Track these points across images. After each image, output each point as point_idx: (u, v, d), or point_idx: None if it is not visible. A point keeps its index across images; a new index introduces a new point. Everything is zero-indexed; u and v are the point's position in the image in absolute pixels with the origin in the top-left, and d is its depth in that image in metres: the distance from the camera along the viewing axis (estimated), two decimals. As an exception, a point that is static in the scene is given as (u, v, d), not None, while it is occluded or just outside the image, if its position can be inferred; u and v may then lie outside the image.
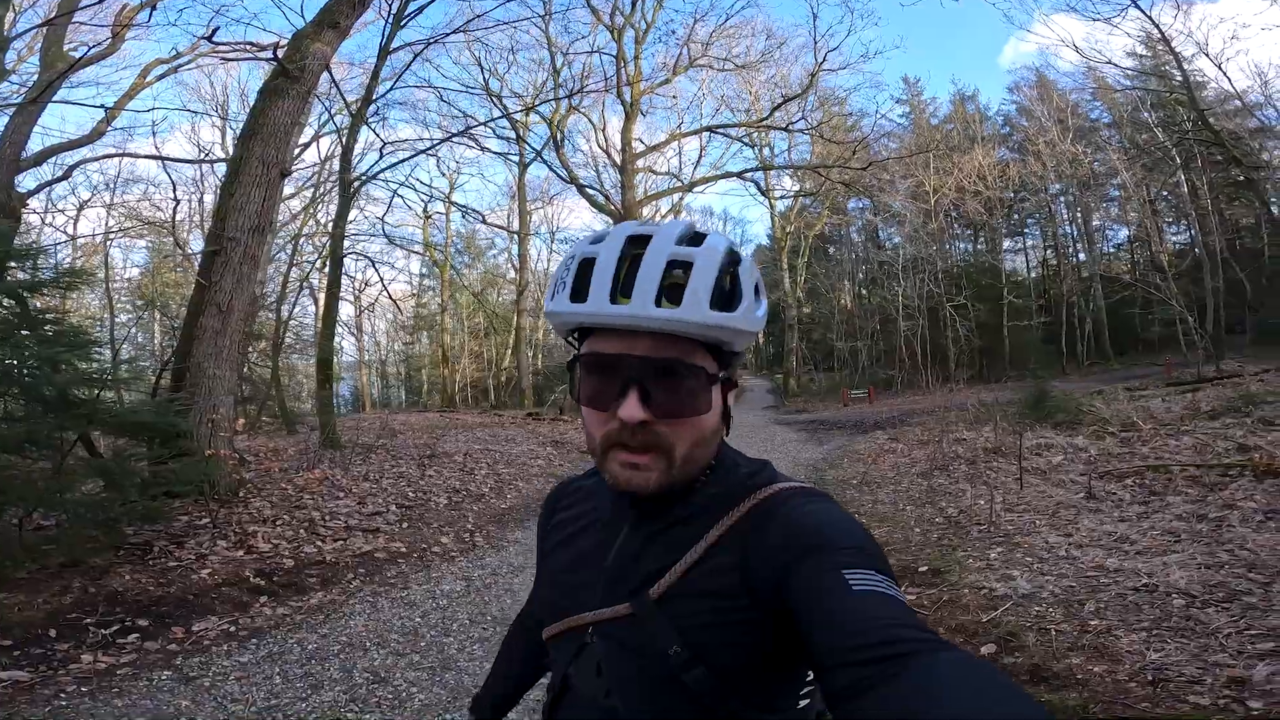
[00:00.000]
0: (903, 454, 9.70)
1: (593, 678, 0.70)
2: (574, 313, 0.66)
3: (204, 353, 6.33)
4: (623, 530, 0.73)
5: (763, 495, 0.69)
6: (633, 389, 0.64)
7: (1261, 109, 20.99)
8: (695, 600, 0.65)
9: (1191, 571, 3.44)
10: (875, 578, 0.56)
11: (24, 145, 9.93)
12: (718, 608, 0.64)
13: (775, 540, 0.64)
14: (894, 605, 0.53)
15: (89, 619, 3.58)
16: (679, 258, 0.64)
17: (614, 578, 0.71)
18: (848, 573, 0.56)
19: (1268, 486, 4.90)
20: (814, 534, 0.62)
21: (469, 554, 5.65)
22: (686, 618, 0.65)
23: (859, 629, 0.51)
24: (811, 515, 0.65)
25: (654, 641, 0.65)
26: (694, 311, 0.62)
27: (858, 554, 0.59)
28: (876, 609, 0.52)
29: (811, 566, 0.58)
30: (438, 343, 31.83)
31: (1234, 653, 2.49)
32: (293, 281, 20.72)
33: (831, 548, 0.59)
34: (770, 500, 0.68)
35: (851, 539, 0.61)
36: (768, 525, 0.66)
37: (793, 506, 0.66)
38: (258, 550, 5.01)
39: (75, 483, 4.53)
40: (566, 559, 0.79)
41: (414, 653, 3.50)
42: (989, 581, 3.84)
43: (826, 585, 0.56)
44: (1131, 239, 31.74)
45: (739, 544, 0.66)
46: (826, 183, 21.80)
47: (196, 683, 3.09)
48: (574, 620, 0.72)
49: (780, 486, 0.70)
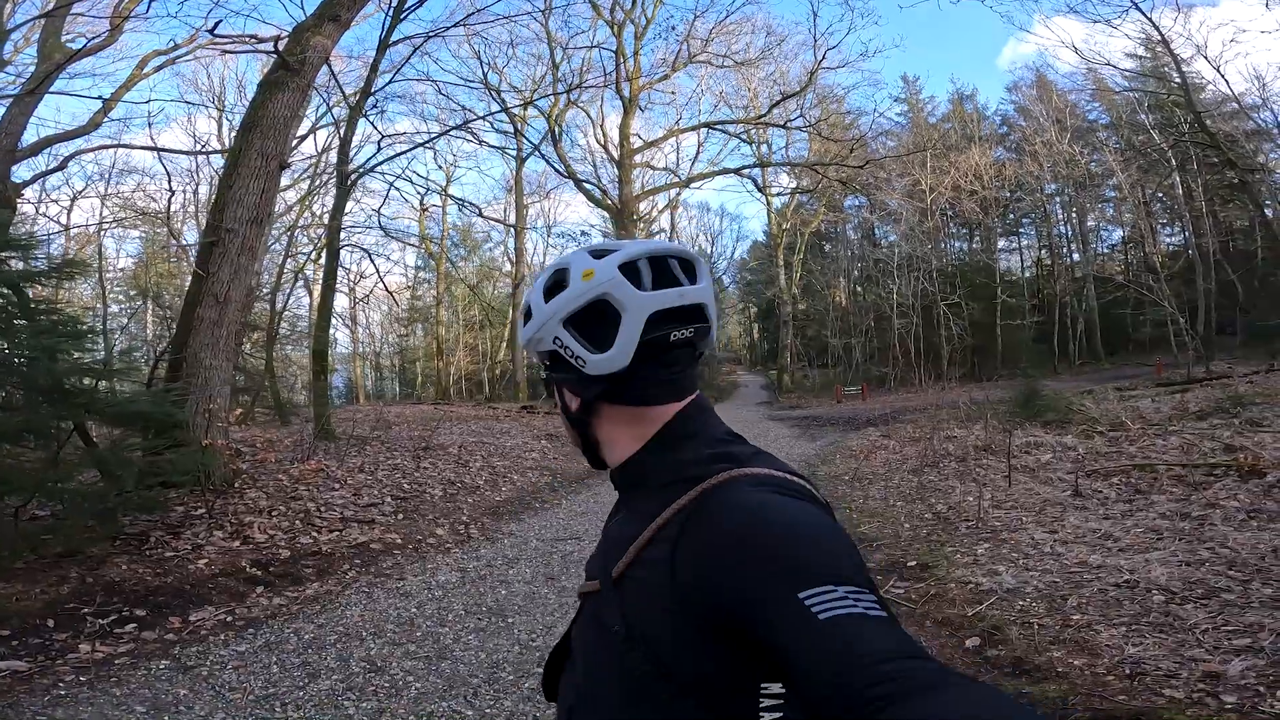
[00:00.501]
0: (894, 450, 9.79)
1: (577, 641, 0.76)
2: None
3: (200, 343, 6.33)
4: (623, 505, 0.79)
5: (707, 484, 0.65)
6: None
7: (1258, 111, 21.11)
8: (638, 584, 0.66)
9: (1172, 568, 3.51)
10: (839, 595, 0.50)
11: (20, 136, 9.87)
12: (648, 596, 0.64)
13: (706, 548, 0.60)
14: (870, 629, 0.48)
15: (86, 609, 3.61)
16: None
17: (603, 554, 0.76)
18: (808, 597, 0.50)
19: (1251, 486, 4.98)
20: (757, 545, 0.56)
21: (464, 545, 5.70)
22: (630, 599, 0.66)
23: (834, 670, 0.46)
24: (751, 519, 0.58)
25: (603, 617, 0.69)
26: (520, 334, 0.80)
27: (817, 566, 0.53)
28: (850, 640, 0.47)
29: (761, 589, 0.53)
30: (433, 335, 31.80)
31: (1210, 648, 2.56)
32: (288, 273, 20.66)
33: (785, 564, 0.53)
34: (710, 493, 0.64)
35: (807, 546, 0.55)
36: (700, 525, 0.62)
37: (730, 506, 0.61)
38: (254, 541, 5.04)
39: (72, 472, 4.55)
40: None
41: (410, 642, 3.55)
42: (975, 576, 3.91)
43: (784, 616, 0.50)
44: (1125, 240, 31.95)
45: (671, 539, 0.63)
46: (824, 180, 21.84)
47: (194, 672, 3.13)
48: (580, 587, 0.78)
49: (728, 476, 0.64)
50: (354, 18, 8.19)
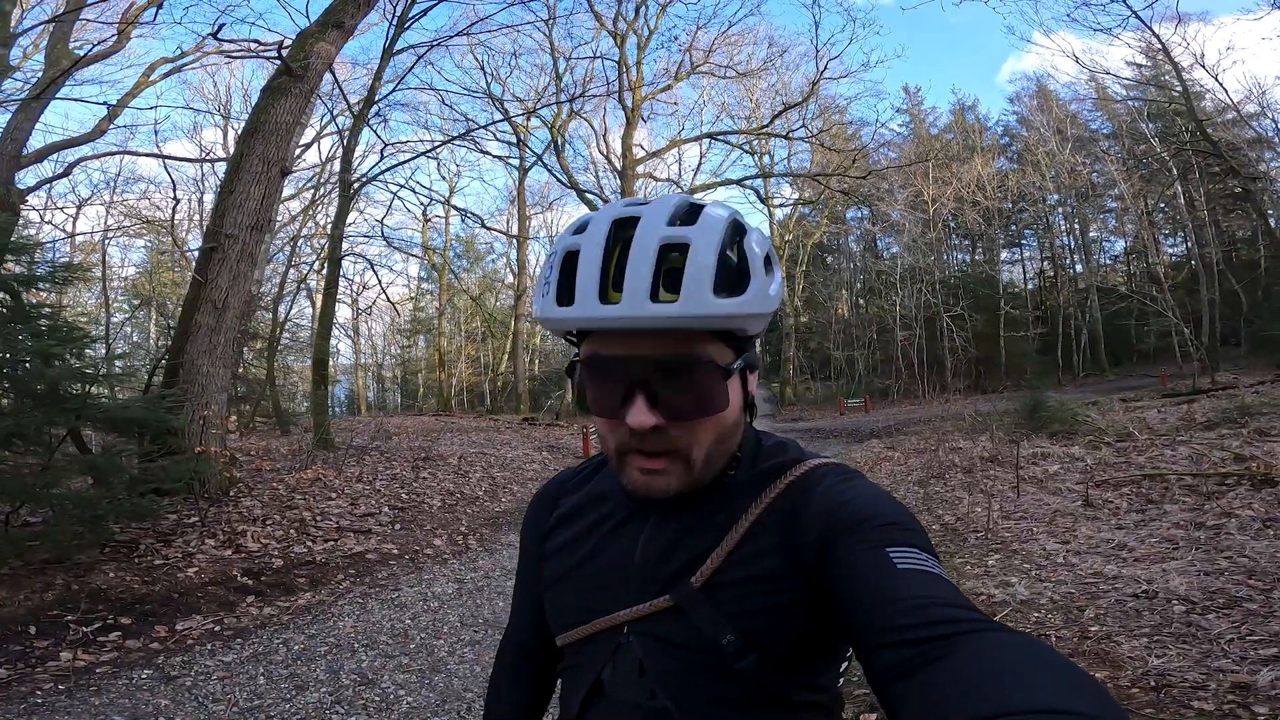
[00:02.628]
0: (899, 462, 9.67)
1: (634, 679, 0.65)
2: (561, 319, 0.59)
3: (198, 350, 6.27)
4: (649, 522, 0.68)
5: (799, 472, 0.65)
6: (638, 393, 0.59)
7: (1258, 119, 21.07)
8: (741, 585, 0.62)
9: (1191, 578, 3.40)
10: (919, 555, 0.53)
11: (25, 141, 9.90)
12: (766, 590, 0.61)
13: (817, 517, 0.61)
14: (940, 584, 0.51)
15: (70, 616, 3.52)
16: (673, 240, 0.57)
17: (646, 572, 0.66)
18: (891, 550, 0.54)
19: (1265, 495, 4.87)
20: (856, 509, 0.59)
21: (462, 556, 5.59)
22: (733, 604, 0.61)
23: (905, 608, 0.49)
24: (852, 490, 0.62)
25: (702, 632, 0.61)
26: (696, 304, 0.55)
27: (901, 530, 0.56)
28: (922, 587, 0.50)
29: (854, 542, 0.56)
30: (435, 346, 31.77)
31: (1237, 658, 2.45)
32: (291, 282, 20.69)
33: (874, 524, 0.57)
34: (807, 477, 0.65)
35: (894, 515, 0.58)
36: (808, 502, 0.62)
37: (831, 482, 0.64)
38: (246, 549, 4.94)
39: (62, 478, 4.47)
40: (582, 558, 0.72)
41: (403, 655, 3.44)
42: (987, 588, 3.80)
43: (870, 562, 0.54)
44: (1128, 250, 31.85)
45: (781, 523, 0.63)
46: (826, 191, 21.87)
47: (177, 682, 3.02)
48: (605, 621, 0.67)
49: (815, 463, 0.67)
50: (358, 24, 8.22)
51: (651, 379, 0.59)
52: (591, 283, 0.57)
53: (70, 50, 10.79)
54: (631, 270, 0.56)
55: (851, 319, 34.76)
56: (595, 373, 0.62)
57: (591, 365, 0.62)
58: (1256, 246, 25.32)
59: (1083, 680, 0.39)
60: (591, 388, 0.62)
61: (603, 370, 0.61)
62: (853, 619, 0.52)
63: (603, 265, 0.58)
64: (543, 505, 0.81)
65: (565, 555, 0.74)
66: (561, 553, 0.75)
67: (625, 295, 0.56)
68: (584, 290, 0.57)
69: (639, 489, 0.63)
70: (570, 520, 0.76)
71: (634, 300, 0.56)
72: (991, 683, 0.40)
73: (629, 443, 0.61)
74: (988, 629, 0.46)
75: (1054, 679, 0.39)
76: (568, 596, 0.73)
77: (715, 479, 0.66)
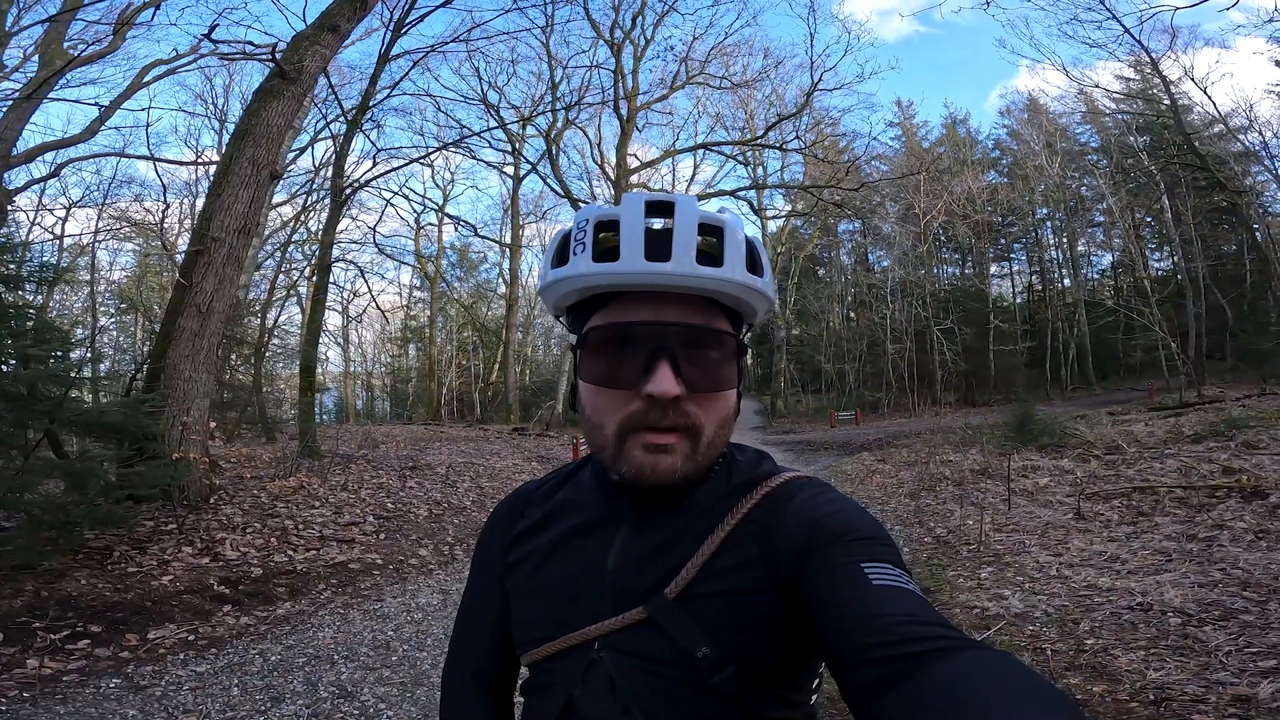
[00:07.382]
0: (890, 474, 9.64)
1: (605, 696, 0.62)
2: (601, 273, 0.60)
3: (180, 354, 6.14)
4: (620, 531, 0.66)
5: (775, 483, 0.66)
6: (662, 360, 0.58)
7: (1245, 134, 21.40)
8: (718, 597, 0.60)
9: (1186, 590, 3.37)
10: (893, 571, 0.54)
11: (15, 141, 9.77)
12: (743, 603, 0.60)
13: (795, 529, 0.60)
14: (914, 600, 0.51)
15: (38, 623, 3.39)
16: (709, 221, 0.62)
17: (619, 584, 0.63)
18: (866, 565, 0.54)
19: (1256, 507, 4.88)
20: (834, 524, 0.59)
21: (447, 567, 5.48)
22: (710, 616, 0.59)
23: (881, 625, 0.49)
24: (830, 504, 0.62)
25: (677, 644, 0.59)
26: (737, 272, 0.60)
27: (875, 546, 0.57)
28: (897, 604, 0.50)
29: (829, 557, 0.56)
30: (426, 355, 31.57)
31: (1236, 671, 2.40)
32: (280, 289, 20.51)
33: (850, 538, 0.57)
34: (784, 489, 0.65)
35: (870, 530, 0.59)
36: (785, 514, 0.62)
37: (808, 495, 0.64)
38: (225, 558, 4.82)
39: (34, 482, 4.34)
40: (550, 569, 0.69)
41: (384, 667, 3.34)
42: (981, 601, 3.75)
43: (845, 578, 0.54)
44: (1115, 264, 32.26)
45: (759, 535, 0.62)
46: (818, 203, 22.01)
47: (147, 692, 2.91)
48: (575, 636, 0.64)
49: (790, 475, 0.67)
50: (353, 29, 8.18)
51: (677, 347, 0.59)
52: (638, 243, 0.59)
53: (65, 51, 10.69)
54: (679, 237, 0.59)
55: (843, 332, 34.85)
56: (613, 341, 0.61)
57: (610, 333, 0.62)
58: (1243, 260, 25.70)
59: (1059, 700, 0.39)
60: (605, 359, 0.61)
61: (623, 337, 0.61)
62: (828, 634, 0.52)
63: (645, 234, 0.60)
64: (506, 516, 0.78)
65: (531, 566, 0.71)
66: (527, 563, 0.71)
67: (674, 257, 0.59)
68: (630, 249, 0.59)
69: (642, 470, 0.60)
70: (536, 531, 0.73)
71: (682, 261, 0.59)
72: (967, 701, 0.40)
73: (639, 418, 0.59)
74: (965, 646, 0.45)
75: (1030, 698, 0.39)
76: (534, 610, 0.69)
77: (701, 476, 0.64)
